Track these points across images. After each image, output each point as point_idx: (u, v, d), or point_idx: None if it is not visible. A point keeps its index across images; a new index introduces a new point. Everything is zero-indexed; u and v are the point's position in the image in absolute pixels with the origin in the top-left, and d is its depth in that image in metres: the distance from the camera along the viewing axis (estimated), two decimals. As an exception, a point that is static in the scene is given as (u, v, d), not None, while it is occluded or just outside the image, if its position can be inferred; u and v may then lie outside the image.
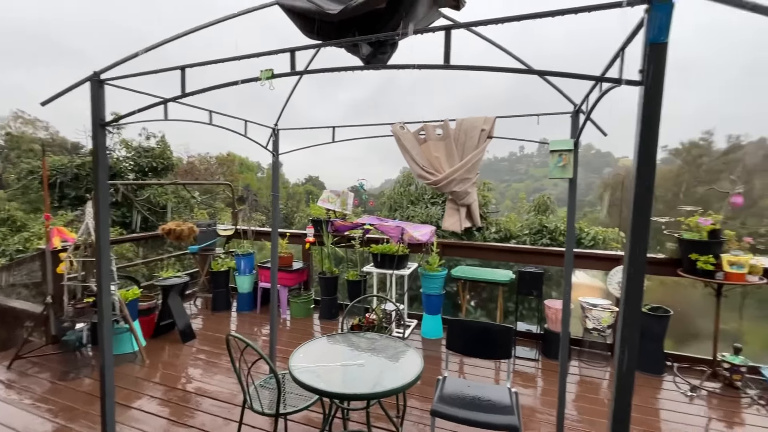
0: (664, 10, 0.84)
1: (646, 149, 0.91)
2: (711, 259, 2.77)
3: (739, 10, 0.85)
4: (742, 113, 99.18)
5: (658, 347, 3.15)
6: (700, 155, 44.81)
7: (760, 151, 45.32)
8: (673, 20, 0.85)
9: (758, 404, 2.76)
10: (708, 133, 44.99)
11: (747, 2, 0.74)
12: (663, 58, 0.86)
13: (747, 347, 3.12)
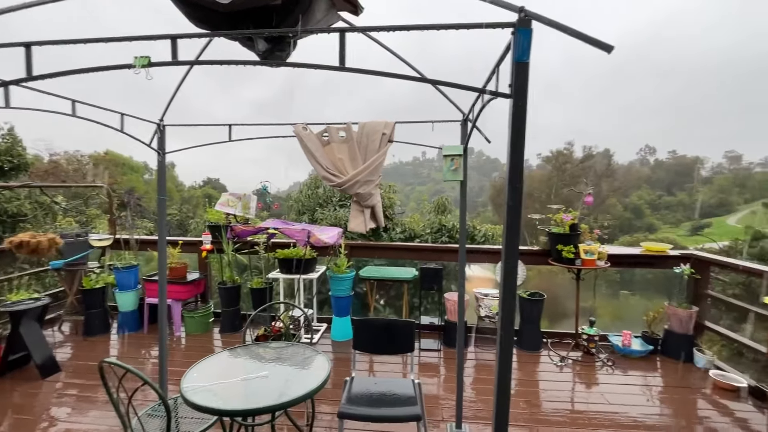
0: (525, 34, 0.98)
1: (515, 153, 1.05)
2: (572, 248, 3.32)
3: (585, 43, 1.04)
4: (593, 129, 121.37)
5: (536, 327, 3.65)
6: (565, 162, 53.28)
7: (605, 160, 55.73)
8: (547, 47, 1.00)
9: (607, 365, 3.38)
10: (570, 143, 53.61)
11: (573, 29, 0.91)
12: (526, 75, 1.01)
13: (599, 320, 3.80)
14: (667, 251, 3.61)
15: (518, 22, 0.99)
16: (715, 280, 3.70)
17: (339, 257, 3.93)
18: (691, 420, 2.69)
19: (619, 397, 2.97)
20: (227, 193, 4.36)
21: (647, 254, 3.66)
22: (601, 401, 2.90)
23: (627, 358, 3.53)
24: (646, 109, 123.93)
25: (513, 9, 1.00)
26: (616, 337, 3.66)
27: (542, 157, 56.50)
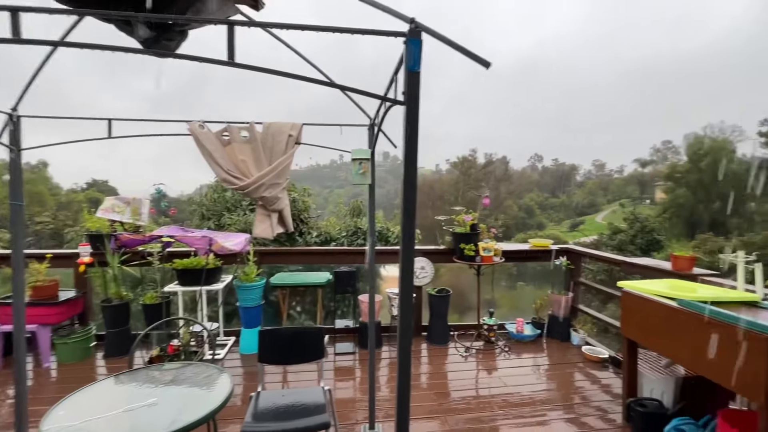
0: (416, 45, 1.04)
1: (409, 155, 1.09)
2: (472, 246, 3.62)
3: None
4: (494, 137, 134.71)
5: (443, 322, 3.89)
6: (470, 167, 58.04)
7: (503, 166, 61.89)
8: (457, 60, 1.05)
9: (505, 352, 3.75)
10: (474, 151, 58.64)
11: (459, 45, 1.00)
12: (417, 83, 1.06)
13: (501, 310, 4.21)
14: (549, 246, 4.15)
15: (409, 33, 1.04)
16: (586, 269, 4.35)
17: (247, 265, 3.71)
18: (569, 390, 3.12)
19: (514, 378, 3.31)
20: (113, 197, 3.80)
21: (534, 249, 4.17)
22: (500, 384, 3.21)
23: (520, 342, 3.96)
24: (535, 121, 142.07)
25: (405, 20, 1.05)
26: (512, 324, 4.09)
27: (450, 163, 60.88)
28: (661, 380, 2.45)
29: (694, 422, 2.21)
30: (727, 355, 1.81)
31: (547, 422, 2.70)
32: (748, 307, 2.04)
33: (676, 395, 2.45)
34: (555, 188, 66.61)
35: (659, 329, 2.22)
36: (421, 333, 4.12)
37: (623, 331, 2.54)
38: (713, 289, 2.36)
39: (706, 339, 1.91)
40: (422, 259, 4.02)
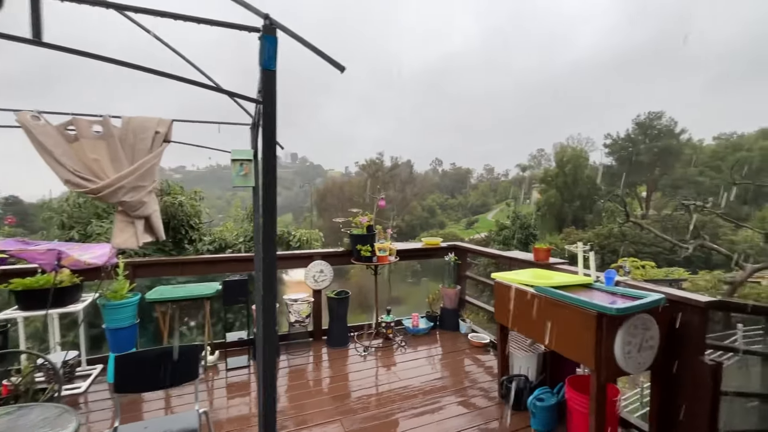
0: (271, 42, 0.99)
1: (268, 157, 1.04)
2: (368, 247, 3.69)
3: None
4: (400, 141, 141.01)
5: (343, 324, 3.89)
6: (377, 170, 59.69)
7: (408, 169, 64.94)
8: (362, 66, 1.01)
9: (402, 347, 3.91)
10: (380, 154, 60.50)
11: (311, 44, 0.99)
12: (273, 82, 1.02)
13: (402, 307, 4.37)
14: (439, 243, 4.47)
15: (263, 29, 0.99)
16: (479, 263, 4.78)
17: (117, 280, 3.20)
18: (459, 375, 3.38)
19: (410, 371, 3.46)
20: None
21: (426, 247, 4.44)
22: (397, 379, 3.33)
23: (416, 336, 4.17)
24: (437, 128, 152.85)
25: (259, 14, 1.00)
26: (408, 320, 4.29)
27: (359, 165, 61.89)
28: (527, 357, 2.81)
29: (551, 390, 2.58)
30: (568, 330, 2.16)
31: (440, 408, 2.88)
32: (585, 289, 2.46)
33: (539, 369, 2.84)
34: (453, 190, 72.47)
35: (522, 313, 2.54)
36: (321, 337, 4.06)
37: (496, 317, 2.85)
38: (564, 276, 2.79)
39: (554, 318, 2.25)
40: (321, 262, 3.97)
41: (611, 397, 2.21)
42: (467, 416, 2.77)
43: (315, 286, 3.91)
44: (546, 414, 2.43)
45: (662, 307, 2.11)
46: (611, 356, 1.99)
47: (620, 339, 1.99)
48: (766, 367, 2.65)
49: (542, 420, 2.45)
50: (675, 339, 2.18)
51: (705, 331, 2.10)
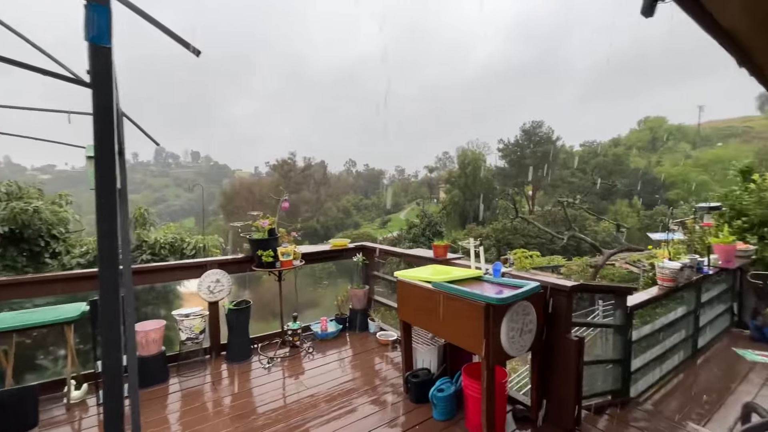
0: (101, 12, 0.82)
1: (105, 153, 0.86)
2: (271, 252, 3.48)
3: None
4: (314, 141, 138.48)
5: (244, 337, 3.61)
6: (290, 170, 57.79)
7: (321, 170, 64.18)
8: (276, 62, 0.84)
9: (310, 354, 3.77)
10: (293, 154, 58.76)
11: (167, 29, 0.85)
12: (108, 60, 0.84)
13: (311, 312, 4.21)
14: (347, 245, 4.44)
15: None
16: (382, 262, 4.81)
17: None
18: (370, 374, 3.38)
19: (320, 377, 3.35)
20: None
21: (334, 249, 4.37)
22: (305, 387, 3.19)
23: (325, 341, 4.07)
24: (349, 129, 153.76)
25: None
26: (317, 324, 4.17)
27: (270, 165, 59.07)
28: (428, 351, 2.93)
29: (450, 380, 2.72)
30: (461, 322, 2.29)
31: (352, 410, 2.84)
32: (476, 281, 2.65)
33: (440, 360, 2.98)
34: (367, 190, 73.78)
35: (422, 309, 2.63)
36: (220, 353, 3.71)
37: (399, 314, 2.91)
38: (460, 270, 2.97)
39: (449, 311, 2.37)
40: (217, 271, 3.62)
41: (500, 380, 2.41)
42: (377, 414, 2.78)
43: (210, 298, 3.56)
44: (446, 403, 2.56)
45: (538, 294, 2.37)
46: (498, 343, 2.17)
47: (505, 326, 2.17)
48: (616, 335, 3.16)
49: (442, 409, 2.57)
50: (548, 320, 2.47)
51: (571, 311, 2.42)
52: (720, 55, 2.30)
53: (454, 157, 61.91)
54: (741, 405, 1.04)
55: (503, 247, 24.59)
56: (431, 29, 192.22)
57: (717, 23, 1.54)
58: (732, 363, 4.14)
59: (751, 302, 4.88)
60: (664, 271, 3.58)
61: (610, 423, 2.71)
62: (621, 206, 34.94)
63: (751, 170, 8.11)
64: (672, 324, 3.91)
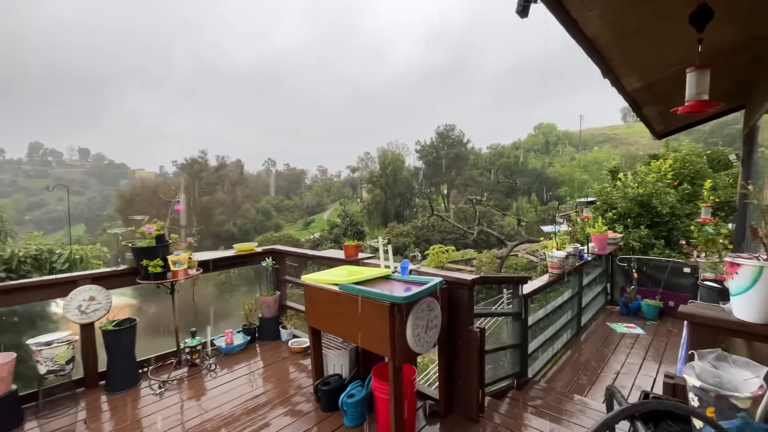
0: None
1: None
2: (160, 262, 3.05)
3: None
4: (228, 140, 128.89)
5: (129, 360, 3.12)
6: (201, 170, 53.21)
7: (238, 170, 60.38)
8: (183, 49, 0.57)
9: (212, 371, 3.41)
10: (204, 152, 54.22)
11: None
12: None
13: (218, 326, 3.79)
14: (254, 249, 4.12)
15: None
16: (294, 266, 4.56)
17: None
18: (284, 385, 3.17)
19: (225, 396, 3.04)
20: None
21: (240, 254, 4.03)
22: (208, 408, 2.86)
23: (231, 355, 3.73)
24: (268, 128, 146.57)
25: None
26: (221, 338, 3.80)
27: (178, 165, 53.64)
28: (340, 356, 2.83)
29: (361, 383, 2.66)
30: (368, 323, 2.23)
31: (268, 423, 2.64)
32: (385, 280, 2.62)
33: (352, 365, 2.90)
34: (289, 191, 71.25)
35: (330, 313, 2.52)
36: (98, 383, 3.16)
37: (307, 320, 2.76)
38: (371, 270, 2.92)
39: (356, 314, 2.30)
40: (91, 287, 3.07)
41: (409, 378, 2.41)
42: (293, 425, 2.62)
43: (82, 320, 2.99)
44: (356, 409, 2.48)
45: (442, 289, 2.42)
46: (404, 341, 2.15)
47: (411, 323, 2.17)
48: (515, 322, 3.41)
49: (353, 415, 2.49)
50: (452, 314, 2.54)
51: (473, 304, 2.52)
52: (596, 70, 2.62)
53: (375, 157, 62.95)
54: (605, 388, 1.16)
55: (422, 243, 25.69)
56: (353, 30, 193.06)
57: (582, 32, 1.73)
58: (607, 336, 4.80)
59: (620, 282, 5.73)
60: (552, 259, 3.98)
61: (510, 406, 2.90)
62: (522, 203, 38.98)
63: (617, 170, 9.61)
64: (561, 306, 4.39)
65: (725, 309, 1.84)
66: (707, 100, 1.78)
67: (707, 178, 7.54)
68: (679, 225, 7.55)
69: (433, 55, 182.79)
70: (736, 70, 3.00)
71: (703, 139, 35.91)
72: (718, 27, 1.73)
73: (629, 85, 2.72)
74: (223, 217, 49.68)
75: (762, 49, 2.54)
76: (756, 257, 1.61)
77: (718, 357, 1.42)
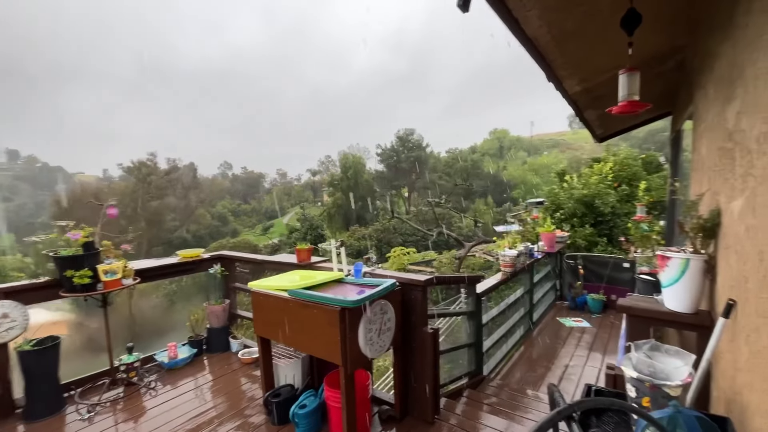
0: None
1: None
2: (88, 272, 2.76)
3: None
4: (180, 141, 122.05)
5: (52, 384, 2.79)
6: (149, 173, 50.02)
7: (191, 173, 57.43)
8: None
9: (152, 389, 3.13)
10: (153, 154, 51.04)
11: None
12: None
13: (142, 341, 3.46)
14: (200, 255, 3.87)
15: None
16: (244, 273, 4.29)
17: None
18: (235, 398, 2.98)
19: (167, 414, 2.79)
20: None
21: (184, 261, 3.76)
22: (150, 429, 2.62)
23: (175, 370, 3.46)
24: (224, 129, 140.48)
25: None
26: (163, 353, 3.51)
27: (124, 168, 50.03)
28: (291, 365, 2.70)
29: (315, 393, 2.54)
30: (318, 330, 2.14)
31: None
32: (338, 284, 2.53)
33: (304, 373, 2.78)
34: (246, 195, 68.71)
35: (279, 321, 2.39)
36: (14, 411, 2.79)
37: (255, 330, 2.61)
38: (324, 274, 2.81)
39: (305, 320, 2.19)
40: (3, 303, 2.70)
41: (362, 384, 2.34)
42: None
43: None
44: (308, 420, 2.37)
45: (395, 291, 2.38)
46: (356, 347, 2.08)
47: (362, 328, 2.10)
48: (470, 320, 3.45)
49: (305, 427, 2.37)
50: (406, 316, 2.51)
51: (426, 305, 2.50)
52: (544, 78, 2.71)
53: (336, 160, 62.46)
54: (547, 386, 1.18)
55: (384, 245, 25.76)
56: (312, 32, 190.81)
57: (523, 31, 1.78)
58: (557, 330, 5.01)
59: (568, 278, 6.03)
60: (505, 258, 4.09)
61: (466, 406, 2.92)
62: (479, 205, 40.29)
63: (564, 173, 10.17)
64: (514, 303, 4.52)
65: (658, 300, 1.95)
66: (638, 100, 1.89)
67: (642, 180, 8.18)
68: (619, 223, 8.10)
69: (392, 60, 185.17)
70: (663, 77, 3.25)
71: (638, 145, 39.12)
72: (645, 34, 1.84)
73: (570, 89, 2.86)
74: (175, 223, 46.91)
75: (684, 57, 2.77)
76: (683, 250, 1.72)
77: (652, 347, 1.49)
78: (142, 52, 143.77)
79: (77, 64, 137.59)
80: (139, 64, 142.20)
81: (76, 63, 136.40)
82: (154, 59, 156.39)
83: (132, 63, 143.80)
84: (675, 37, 2.47)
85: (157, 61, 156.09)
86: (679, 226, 1.72)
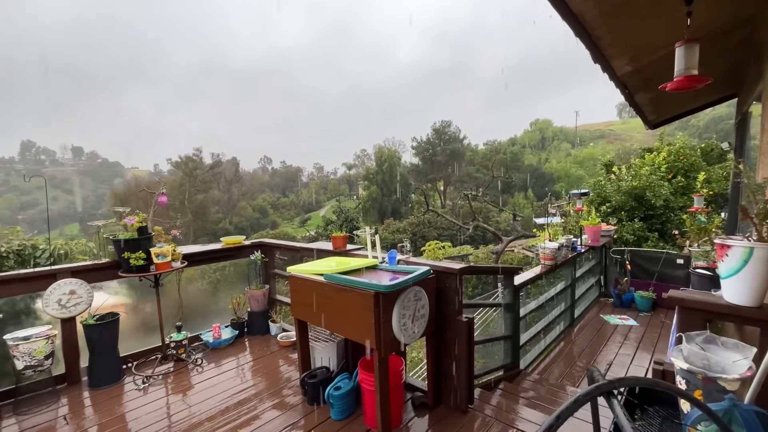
0: None
1: None
2: (142, 254, 2.98)
3: None
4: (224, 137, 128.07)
5: (112, 356, 3.05)
6: (195, 168, 52.83)
7: (233, 167, 60.02)
8: None
9: (199, 366, 3.35)
10: (198, 150, 53.81)
11: None
12: None
13: (189, 322, 3.69)
14: (241, 242, 4.05)
15: None
16: (282, 260, 4.46)
17: None
18: (273, 378, 3.12)
19: (212, 389, 2.98)
20: None
21: (227, 247, 3.96)
22: (196, 402, 2.81)
23: (219, 349, 3.66)
24: (265, 125, 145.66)
25: None
26: (208, 333, 3.73)
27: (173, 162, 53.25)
28: (327, 348, 2.77)
29: (349, 376, 2.60)
30: (354, 313, 2.17)
31: (257, 416, 2.60)
32: (372, 270, 2.56)
33: (339, 357, 2.84)
34: (285, 189, 70.94)
35: (317, 304, 2.46)
36: (80, 379, 3.09)
37: (293, 312, 2.70)
38: (358, 260, 2.86)
39: (341, 304, 2.24)
40: (71, 280, 2.99)
41: (396, 369, 2.36)
42: (275, 421, 2.56)
43: (62, 314, 2.92)
44: (342, 401, 2.43)
45: (429, 278, 2.37)
46: (390, 331, 2.10)
47: (396, 313, 2.11)
48: (507, 313, 3.37)
49: (340, 408, 2.43)
50: (440, 304, 2.49)
51: (461, 293, 2.47)
52: (593, 67, 2.56)
53: (371, 154, 62.82)
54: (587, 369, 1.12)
55: (419, 239, 25.66)
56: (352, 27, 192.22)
57: (567, 6, 1.67)
58: (600, 327, 4.77)
59: (613, 274, 5.71)
60: (545, 250, 3.94)
61: (501, 398, 2.86)
62: (518, 198, 39.04)
63: (612, 164, 9.59)
64: (554, 298, 4.35)
65: (716, 295, 1.80)
66: (696, 74, 1.73)
67: (701, 171, 7.54)
68: (672, 217, 7.54)
69: (432, 53, 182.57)
70: (727, 54, 2.95)
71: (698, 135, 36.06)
72: (706, 3, 1.68)
73: (619, 69, 2.67)
74: (219, 215, 49.40)
75: (752, 30, 2.50)
76: (746, 238, 1.57)
77: (707, 339, 1.38)
78: (190, 54, 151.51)
79: (136, 67, 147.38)
80: (191, 66, 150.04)
81: (135, 65, 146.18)
82: (204, 61, 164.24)
83: (185, 65, 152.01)
84: (742, 6, 2.23)
85: (207, 63, 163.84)
86: (742, 211, 1.57)
